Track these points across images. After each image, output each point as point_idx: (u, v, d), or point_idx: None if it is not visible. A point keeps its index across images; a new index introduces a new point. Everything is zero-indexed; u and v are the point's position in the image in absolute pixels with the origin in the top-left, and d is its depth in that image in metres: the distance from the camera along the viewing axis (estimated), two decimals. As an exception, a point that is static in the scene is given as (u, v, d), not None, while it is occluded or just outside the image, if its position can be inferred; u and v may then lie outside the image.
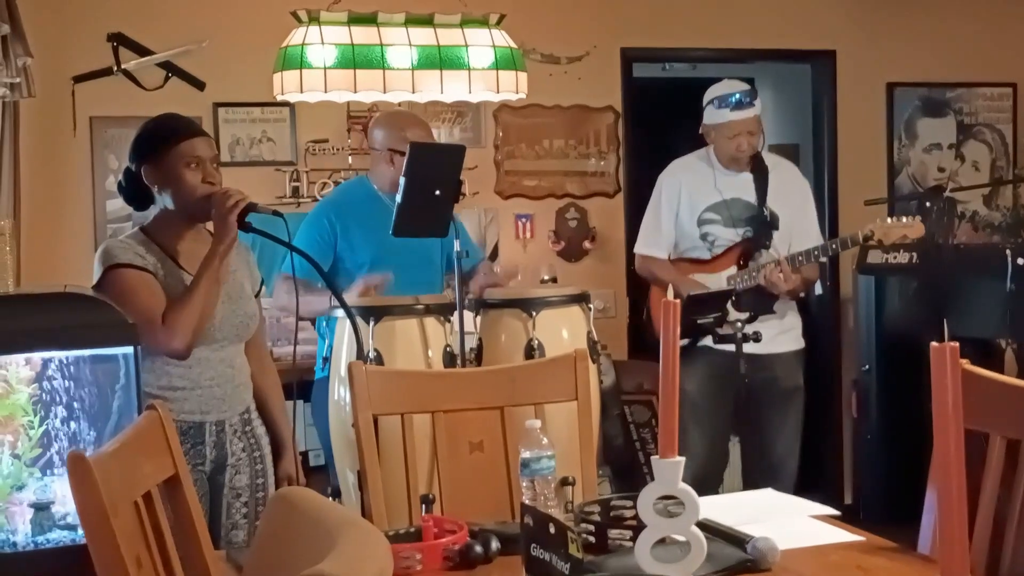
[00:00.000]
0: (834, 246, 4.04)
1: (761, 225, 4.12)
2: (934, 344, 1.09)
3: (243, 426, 2.85)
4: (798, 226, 4.19)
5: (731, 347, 3.87)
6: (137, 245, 2.75)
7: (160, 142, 2.76)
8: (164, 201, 2.77)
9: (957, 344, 1.09)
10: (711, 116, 4.16)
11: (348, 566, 1.17)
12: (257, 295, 2.96)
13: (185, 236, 2.81)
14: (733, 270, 4.12)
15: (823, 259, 4.04)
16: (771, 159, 4.28)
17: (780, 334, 4.08)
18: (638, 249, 4.35)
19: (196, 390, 2.75)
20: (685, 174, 4.24)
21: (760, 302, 3.99)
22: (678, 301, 1.74)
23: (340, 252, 3.74)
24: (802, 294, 4.24)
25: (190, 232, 2.82)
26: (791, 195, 4.22)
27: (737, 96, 4.12)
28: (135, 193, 2.82)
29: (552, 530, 1.69)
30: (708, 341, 3.96)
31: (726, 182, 4.16)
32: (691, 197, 4.18)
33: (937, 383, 1.08)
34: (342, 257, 3.74)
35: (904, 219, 3.98)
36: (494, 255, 5.41)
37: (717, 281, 4.12)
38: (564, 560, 1.63)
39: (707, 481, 4.02)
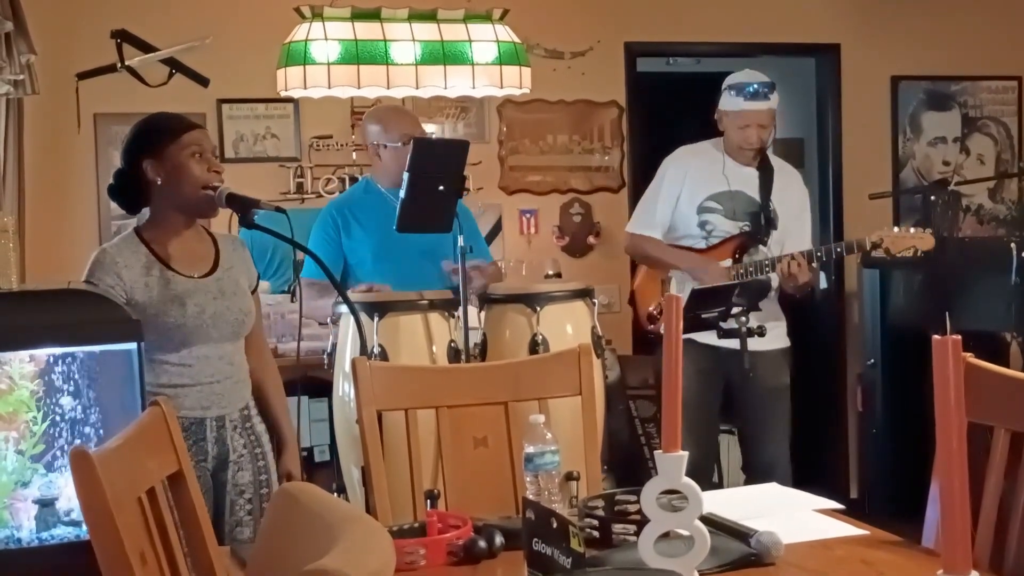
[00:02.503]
0: (839, 248, 4.01)
1: (761, 221, 4.10)
2: (936, 337, 1.09)
3: (243, 422, 2.85)
4: (794, 231, 4.16)
5: (722, 342, 3.86)
6: (127, 252, 2.74)
7: (163, 135, 2.76)
8: (164, 197, 2.76)
9: (959, 337, 1.08)
10: (726, 103, 4.13)
11: (351, 562, 1.17)
12: (253, 292, 2.95)
13: (182, 235, 2.81)
14: (728, 263, 4.10)
15: (824, 259, 4.01)
16: (776, 161, 4.26)
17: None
18: (630, 228, 4.30)
19: (196, 387, 2.75)
20: (693, 160, 4.20)
21: (749, 299, 3.96)
22: (680, 296, 1.74)
23: (344, 248, 3.76)
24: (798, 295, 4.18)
25: (188, 231, 2.82)
26: (791, 199, 4.19)
27: (755, 86, 4.10)
28: (130, 194, 2.82)
29: (554, 524, 1.69)
30: (698, 336, 3.94)
31: (735, 173, 4.13)
32: (695, 184, 4.14)
33: (939, 377, 1.08)
34: (346, 253, 3.76)
35: (913, 230, 3.95)
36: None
37: (714, 263, 4.10)
38: (566, 555, 1.63)
39: (696, 477, 3.99)
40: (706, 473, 4.21)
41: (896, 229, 3.96)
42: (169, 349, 2.71)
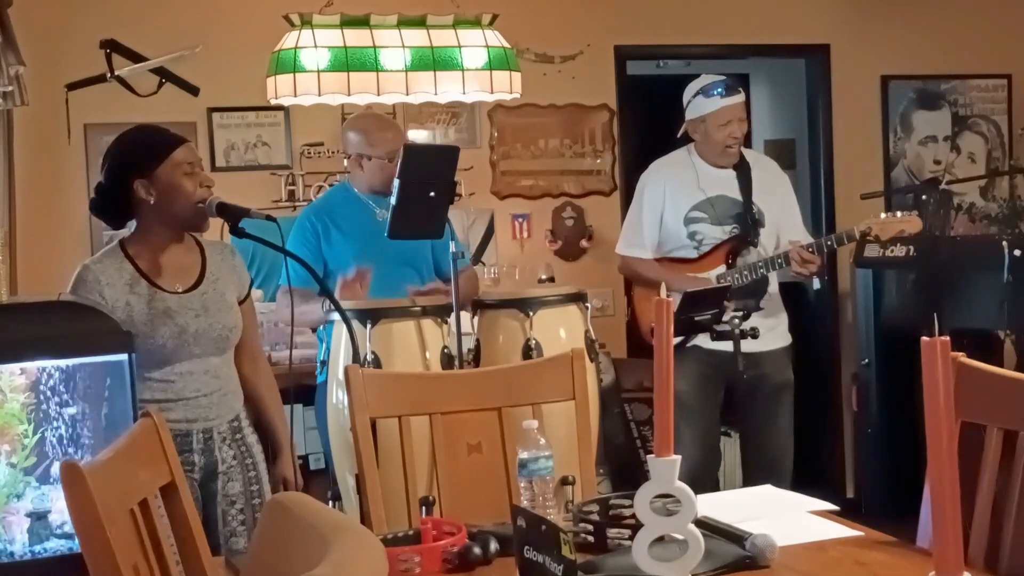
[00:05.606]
0: (830, 242, 4.02)
1: (748, 222, 4.10)
2: (925, 339, 1.09)
3: (232, 434, 2.84)
4: (785, 221, 4.18)
5: (722, 345, 3.85)
6: (110, 269, 2.72)
7: (153, 153, 2.73)
8: (154, 214, 2.74)
9: (947, 339, 1.08)
10: (699, 107, 4.13)
11: (342, 571, 1.16)
12: (245, 299, 2.93)
13: (170, 249, 2.78)
14: (722, 268, 4.10)
15: (815, 254, 4.01)
16: (750, 155, 4.27)
17: (768, 332, 4.06)
18: (620, 250, 4.31)
19: (180, 402, 2.74)
20: (669, 175, 4.19)
21: (749, 299, 3.97)
22: (670, 300, 1.74)
23: (324, 254, 3.75)
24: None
25: (177, 245, 2.80)
26: (774, 191, 4.21)
27: (725, 83, 4.14)
28: (114, 211, 2.80)
29: (544, 531, 1.68)
30: (699, 340, 3.94)
31: (709, 180, 4.13)
32: (675, 197, 4.14)
33: (928, 378, 1.08)
34: (326, 259, 3.74)
35: (900, 214, 3.97)
36: (478, 256, 5.39)
37: (706, 280, 4.10)
38: (557, 562, 1.63)
39: (701, 480, 4.00)
40: (710, 476, 4.22)
41: (883, 215, 3.97)
42: (151, 366, 2.69)
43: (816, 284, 4.43)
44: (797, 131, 6.42)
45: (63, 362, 2.22)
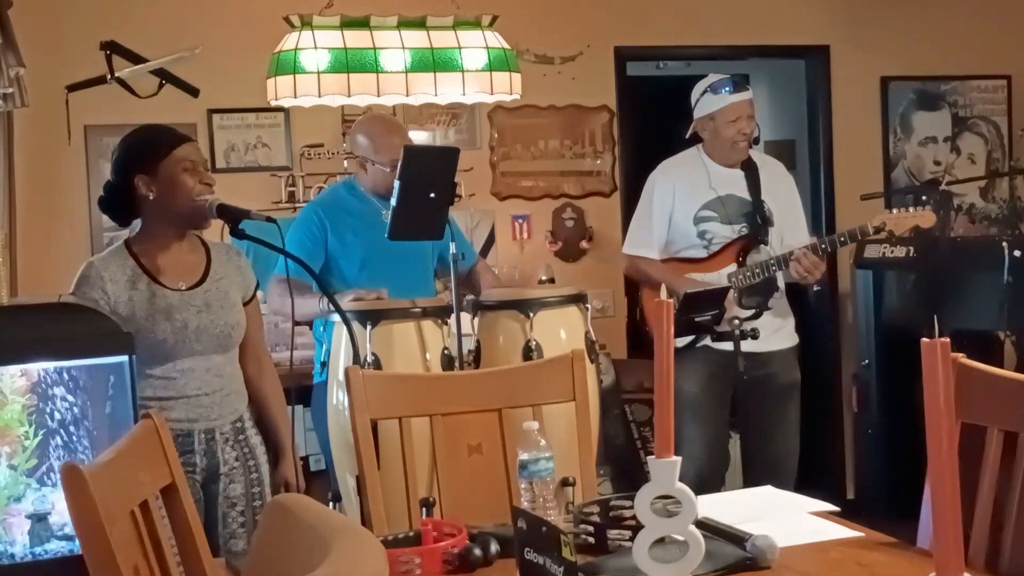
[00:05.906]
0: (843, 238, 4.02)
1: (758, 221, 4.12)
2: (925, 340, 1.09)
3: (235, 435, 2.84)
4: (789, 221, 4.19)
5: (730, 345, 3.85)
6: (113, 266, 2.75)
7: (155, 150, 2.76)
8: (156, 211, 2.76)
9: (947, 340, 1.08)
10: (707, 105, 4.13)
11: (342, 573, 1.16)
12: (250, 300, 2.94)
13: (172, 247, 2.81)
14: (733, 267, 4.10)
15: (828, 250, 4.03)
16: (756, 156, 4.28)
17: (776, 331, 4.08)
18: (627, 250, 4.31)
19: (181, 399, 2.75)
20: (678, 174, 4.20)
21: (760, 297, 3.99)
22: (671, 301, 1.74)
23: (331, 250, 3.75)
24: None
25: (180, 243, 2.82)
26: (779, 191, 4.23)
27: (733, 80, 4.15)
28: (120, 207, 2.82)
29: (544, 533, 1.68)
30: (709, 340, 3.95)
31: (720, 179, 4.14)
32: (686, 197, 4.15)
33: (928, 379, 1.08)
34: (333, 255, 3.75)
35: (912, 209, 3.97)
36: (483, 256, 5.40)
37: (717, 279, 4.10)
38: (558, 563, 1.63)
39: (710, 481, 4.00)
40: (718, 476, 4.22)
41: (895, 211, 3.97)
42: (153, 363, 2.70)
43: (816, 285, 4.44)
44: (797, 132, 6.42)
45: (64, 363, 2.22)
